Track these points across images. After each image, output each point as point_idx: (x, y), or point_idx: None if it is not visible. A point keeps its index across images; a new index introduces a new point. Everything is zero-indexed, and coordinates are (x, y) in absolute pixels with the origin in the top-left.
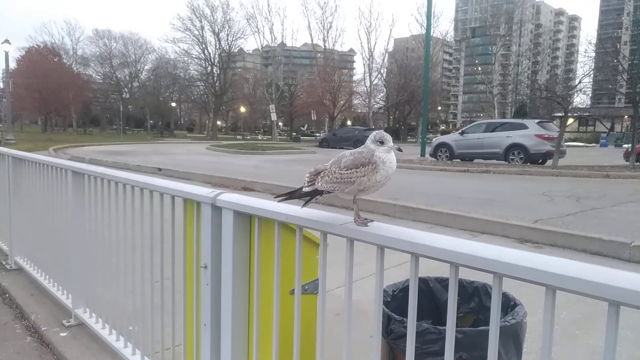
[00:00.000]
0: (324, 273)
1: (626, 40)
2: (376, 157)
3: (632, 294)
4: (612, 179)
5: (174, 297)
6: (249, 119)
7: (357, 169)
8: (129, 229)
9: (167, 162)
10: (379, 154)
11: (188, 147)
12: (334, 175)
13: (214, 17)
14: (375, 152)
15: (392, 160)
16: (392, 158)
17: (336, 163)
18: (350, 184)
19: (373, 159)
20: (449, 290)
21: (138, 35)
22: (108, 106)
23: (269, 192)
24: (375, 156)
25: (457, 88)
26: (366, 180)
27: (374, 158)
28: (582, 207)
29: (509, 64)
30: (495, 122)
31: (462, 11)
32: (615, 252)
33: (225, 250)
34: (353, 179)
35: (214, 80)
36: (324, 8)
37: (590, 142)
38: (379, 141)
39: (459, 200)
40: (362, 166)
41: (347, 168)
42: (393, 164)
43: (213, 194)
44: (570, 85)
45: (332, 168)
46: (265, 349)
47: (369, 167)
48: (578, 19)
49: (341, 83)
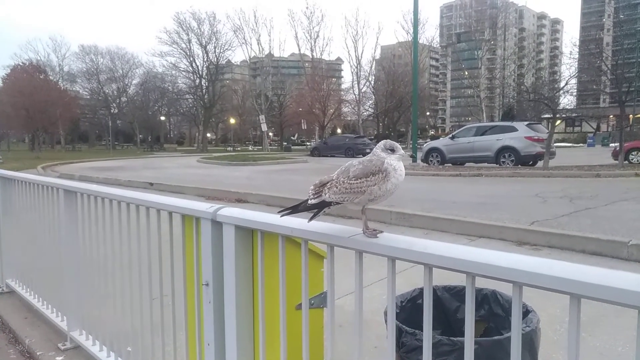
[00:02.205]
0: (332, 287)
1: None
2: (387, 165)
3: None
4: (603, 178)
5: (174, 316)
6: (239, 130)
7: (367, 178)
8: (125, 247)
9: (159, 176)
10: (390, 162)
11: (179, 160)
12: (343, 185)
13: (200, 30)
14: (386, 159)
15: (402, 168)
16: (401, 166)
17: (344, 173)
18: (360, 193)
19: (384, 166)
20: (466, 301)
21: (125, 50)
22: (96, 122)
23: (264, 204)
24: (387, 163)
25: (445, 93)
26: (377, 190)
27: (385, 166)
28: (576, 207)
29: (495, 68)
30: (485, 126)
31: (446, 17)
32: (614, 252)
33: (228, 266)
34: (363, 188)
35: (202, 92)
36: (310, 18)
37: (577, 143)
38: (389, 149)
39: (453, 205)
40: (372, 175)
41: (356, 177)
42: (403, 172)
43: (213, 208)
44: (557, 87)
45: (340, 178)
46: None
47: (379, 176)
48: (560, 22)
49: (330, 92)
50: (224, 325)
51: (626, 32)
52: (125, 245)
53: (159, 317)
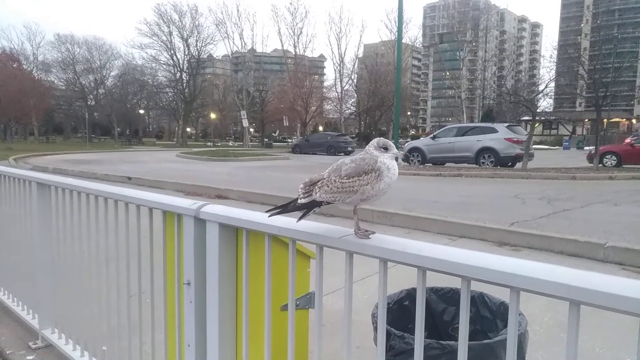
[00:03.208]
0: (320, 288)
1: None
2: (380, 163)
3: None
4: (579, 180)
5: (153, 315)
6: (220, 126)
7: (360, 177)
8: (102, 243)
9: (137, 170)
10: (383, 160)
11: (157, 154)
12: (334, 184)
13: (182, 23)
14: (380, 158)
15: (395, 167)
16: (395, 165)
17: (335, 171)
18: (352, 193)
19: (377, 165)
20: (460, 305)
21: (103, 41)
22: (72, 113)
23: (245, 200)
24: (380, 162)
25: (426, 93)
26: (370, 189)
27: (378, 164)
28: (554, 208)
29: (476, 69)
30: (466, 127)
31: (429, 17)
32: (591, 253)
33: (211, 265)
34: (356, 187)
35: (183, 86)
36: (294, 14)
37: (554, 145)
38: (383, 147)
39: (434, 205)
40: (364, 174)
41: (348, 176)
42: (396, 171)
43: (196, 205)
44: (536, 89)
45: (332, 177)
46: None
47: (372, 175)
48: (540, 26)
49: (312, 89)
50: (206, 326)
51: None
52: (102, 242)
53: (136, 316)
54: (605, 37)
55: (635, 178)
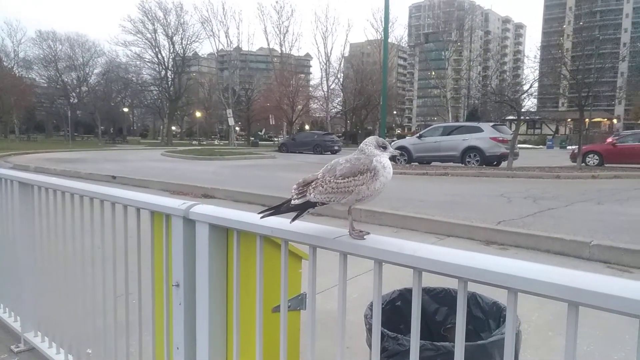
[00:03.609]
0: (313, 289)
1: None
2: (376, 162)
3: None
4: (563, 179)
5: (140, 316)
6: (205, 124)
7: (355, 177)
8: (88, 244)
9: (121, 169)
10: (379, 159)
11: (142, 153)
12: (329, 185)
13: (167, 20)
14: (375, 157)
15: (390, 166)
16: (390, 164)
17: (330, 171)
18: (347, 193)
19: (372, 165)
20: (457, 307)
21: (86, 37)
22: (54, 111)
23: (231, 199)
24: (375, 161)
25: (412, 92)
26: (365, 189)
27: (374, 164)
28: (540, 207)
29: (461, 69)
30: (452, 126)
31: (415, 17)
32: (576, 252)
33: (200, 266)
34: (351, 188)
35: (168, 84)
36: (280, 12)
37: (537, 144)
38: (382, 146)
39: (421, 204)
40: (360, 174)
41: (343, 176)
42: (391, 170)
43: (185, 205)
44: (521, 89)
45: (326, 177)
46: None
47: (368, 175)
48: (523, 27)
49: (299, 87)
50: (195, 328)
51: (586, 38)
52: (87, 242)
53: (123, 318)
54: (587, 38)
55: (617, 177)
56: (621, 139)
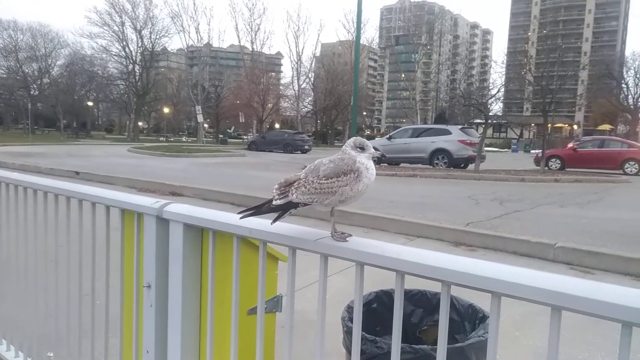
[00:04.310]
0: (292, 291)
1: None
2: (359, 164)
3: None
4: (527, 182)
5: (107, 318)
6: (173, 120)
7: (339, 177)
8: (51, 243)
9: (85, 165)
10: (361, 160)
11: (107, 149)
12: (312, 185)
13: (135, 13)
14: (357, 158)
15: (373, 168)
16: (372, 165)
17: (313, 172)
18: (331, 194)
19: (355, 166)
20: (440, 310)
21: (49, 28)
22: (13, 103)
23: (200, 198)
24: (358, 163)
25: (382, 94)
26: (348, 190)
27: (357, 165)
28: (506, 209)
29: (431, 72)
30: (421, 128)
31: (386, 19)
32: (542, 253)
33: (174, 267)
34: (334, 189)
35: (135, 79)
36: (252, 10)
37: (503, 147)
38: (360, 147)
39: (391, 204)
40: (343, 175)
41: (327, 177)
42: (374, 172)
43: (159, 204)
44: (489, 93)
45: (309, 177)
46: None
47: (351, 176)
48: (490, 33)
49: (269, 86)
50: (167, 330)
51: (550, 46)
52: (51, 241)
53: (88, 319)
54: (551, 47)
55: (577, 181)
56: (581, 145)
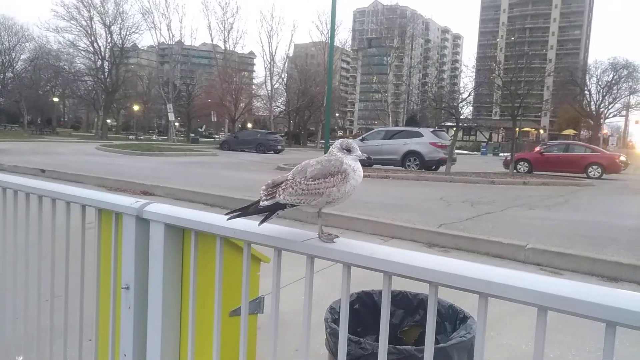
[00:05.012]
0: (277, 293)
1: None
2: (346, 166)
3: (629, 314)
4: (497, 184)
5: (82, 321)
6: (143, 118)
7: (326, 179)
8: (21, 243)
9: (51, 163)
10: (348, 162)
11: (74, 146)
12: (299, 186)
13: (104, 8)
14: (344, 160)
15: (360, 169)
16: (359, 167)
17: (300, 173)
18: (318, 195)
19: (343, 167)
20: (427, 312)
21: (13, 21)
22: None
23: (172, 197)
24: (345, 164)
25: (354, 96)
26: (336, 191)
27: (344, 167)
28: (477, 211)
29: (402, 75)
30: (394, 130)
31: (359, 22)
32: (513, 254)
33: (154, 268)
34: (322, 190)
35: (104, 75)
36: (225, 9)
37: (472, 150)
38: (346, 149)
39: (365, 205)
40: (330, 176)
41: (314, 178)
42: (361, 173)
43: (138, 204)
44: (460, 97)
45: (297, 178)
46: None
47: (338, 177)
48: (461, 38)
49: (242, 85)
50: (146, 333)
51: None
52: (21, 241)
53: (61, 321)
54: (518, 53)
55: (545, 184)
56: (548, 149)
